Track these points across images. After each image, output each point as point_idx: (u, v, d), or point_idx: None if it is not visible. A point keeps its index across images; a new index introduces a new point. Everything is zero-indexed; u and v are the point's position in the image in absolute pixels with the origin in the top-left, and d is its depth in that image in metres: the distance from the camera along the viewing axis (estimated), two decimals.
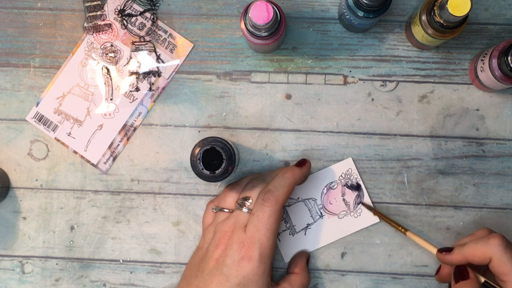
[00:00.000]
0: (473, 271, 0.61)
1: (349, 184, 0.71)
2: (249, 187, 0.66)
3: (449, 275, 0.65)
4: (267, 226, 0.63)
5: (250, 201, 0.64)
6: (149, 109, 0.72)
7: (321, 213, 0.71)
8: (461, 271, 0.61)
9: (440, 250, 0.63)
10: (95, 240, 0.72)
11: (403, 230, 0.67)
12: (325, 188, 0.71)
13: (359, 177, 0.71)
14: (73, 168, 0.72)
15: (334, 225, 0.71)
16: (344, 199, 0.71)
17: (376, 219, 0.70)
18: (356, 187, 0.71)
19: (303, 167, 0.68)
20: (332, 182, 0.71)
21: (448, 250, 0.62)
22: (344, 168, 0.71)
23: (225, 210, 0.66)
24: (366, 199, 0.71)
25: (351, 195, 0.71)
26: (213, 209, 0.68)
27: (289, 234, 0.71)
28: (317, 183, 0.71)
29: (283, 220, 0.71)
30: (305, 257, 0.70)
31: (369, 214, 0.70)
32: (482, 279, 0.61)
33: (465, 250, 0.61)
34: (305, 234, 0.70)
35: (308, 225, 0.71)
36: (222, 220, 0.65)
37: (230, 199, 0.67)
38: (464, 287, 0.60)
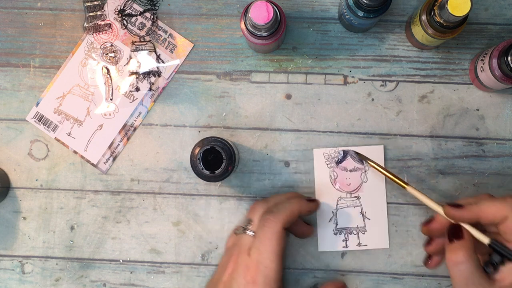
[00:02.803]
0: (468, 232, 0.60)
1: (338, 160, 0.71)
2: (251, 209, 0.66)
3: (438, 231, 0.64)
4: (269, 248, 0.61)
5: (252, 223, 0.64)
6: (149, 109, 0.72)
7: (357, 196, 0.71)
8: (456, 230, 0.60)
9: (451, 205, 0.61)
10: (95, 240, 0.72)
11: (403, 184, 0.65)
12: (335, 189, 0.71)
13: (335, 148, 0.71)
14: (73, 168, 0.72)
15: (371, 189, 0.71)
16: (351, 170, 0.71)
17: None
18: (344, 155, 0.71)
19: (312, 203, 0.67)
20: (327, 177, 0.71)
21: (458, 206, 0.60)
22: (320, 157, 0.71)
23: (247, 232, 0.65)
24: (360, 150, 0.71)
25: (349, 163, 0.71)
26: (235, 232, 0.67)
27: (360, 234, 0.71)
28: (328, 193, 0.71)
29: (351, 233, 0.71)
30: (337, 286, 0.68)
31: (374, 152, 0.70)
32: (487, 240, 0.59)
33: (479, 206, 0.59)
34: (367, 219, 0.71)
35: (363, 213, 0.71)
36: (231, 243, 0.66)
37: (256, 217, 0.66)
38: (458, 245, 0.59)
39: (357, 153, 0.70)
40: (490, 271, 0.59)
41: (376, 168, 0.67)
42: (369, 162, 0.68)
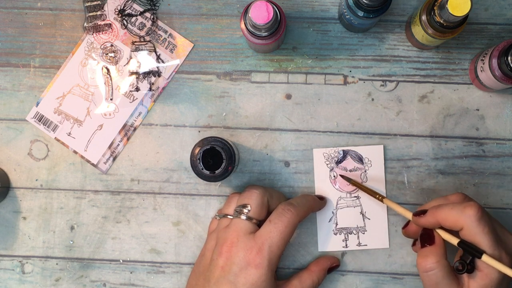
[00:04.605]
0: (440, 237, 0.61)
1: (338, 160, 0.71)
2: (247, 194, 0.65)
3: (414, 233, 0.65)
4: (282, 235, 0.62)
5: (249, 208, 0.64)
6: (149, 109, 0.72)
7: (357, 196, 0.71)
8: (428, 235, 0.61)
9: (415, 214, 0.62)
10: (95, 240, 0.72)
11: (380, 197, 0.67)
12: (336, 186, 0.71)
13: (335, 148, 0.71)
14: (73, 168, 0.72)
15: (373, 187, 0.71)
16: (350, 170, 0.71)
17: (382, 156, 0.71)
18: (344, 155, 0.71)
19: (322, 201, 0.70)
20: (327, 177, 0.71)
21: (423, 213, 0.62)
22: (320, 157, 0.71)
23: (228, 216, 0.66)
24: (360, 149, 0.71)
25: (349, 163, 0.71)
26: (216, 216, 0.68)
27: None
28: (330, 193, 0.71)
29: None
30: (330, 261, 0.69)
31: (374, 152, 0.70)
32: (456, 240, 0.60)
33: (439, 214, 0.60)
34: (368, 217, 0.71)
35: (363, 213, 0.71)
36: (224, 228, 0.65)
37: (234, 205, 0.67)
38: (428, 251, 0.60)
39: (342, 176, 0.70)
40: (461, 271, 0.59)
41: (358, 186, 0.69)
42: (353, 182, 0.69)
